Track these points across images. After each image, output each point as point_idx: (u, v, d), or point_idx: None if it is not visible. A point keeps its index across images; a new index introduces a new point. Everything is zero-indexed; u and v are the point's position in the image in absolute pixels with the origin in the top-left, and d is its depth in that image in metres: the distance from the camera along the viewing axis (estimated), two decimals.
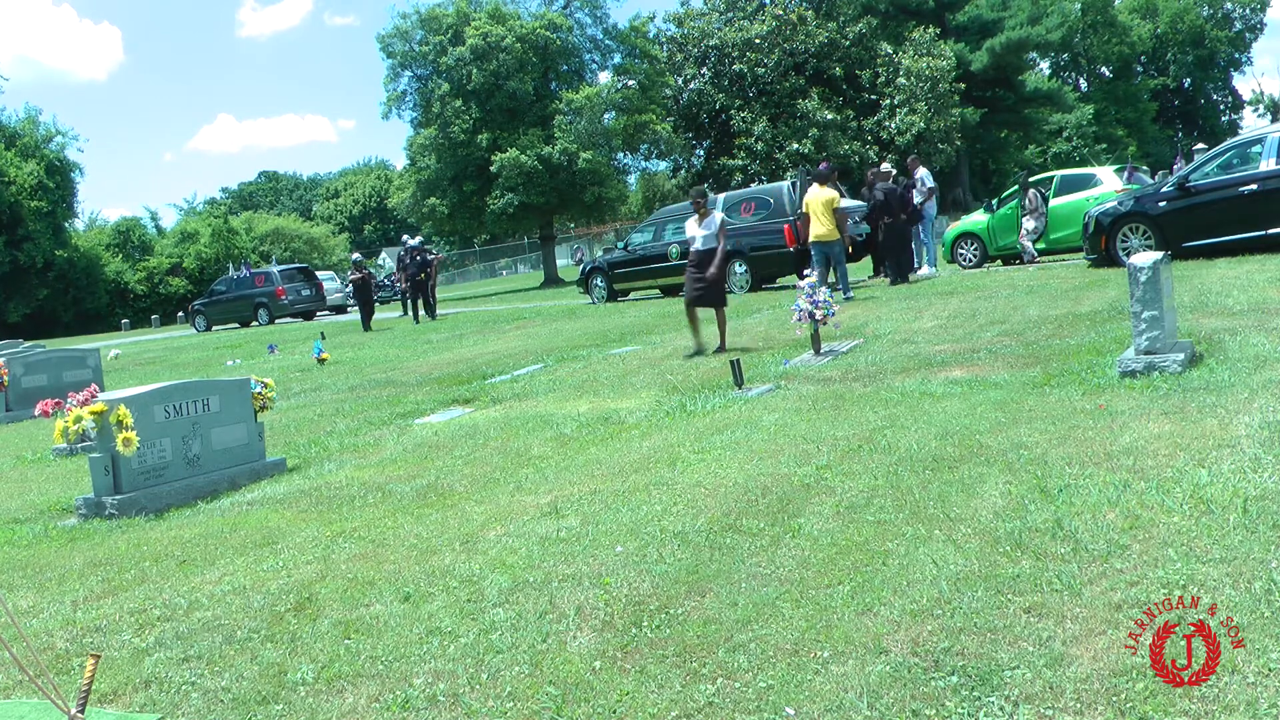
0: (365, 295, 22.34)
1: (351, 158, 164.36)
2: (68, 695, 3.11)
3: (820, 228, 13.20)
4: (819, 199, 13.27)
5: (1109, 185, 15.92)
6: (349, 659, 3.41)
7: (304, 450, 8.19)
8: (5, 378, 13.05)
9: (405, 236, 25.12)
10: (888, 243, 15.02)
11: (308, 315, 31.11)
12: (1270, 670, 2.57)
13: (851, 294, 13.64)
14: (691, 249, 10.50)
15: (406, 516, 5.35)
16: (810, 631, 3.14)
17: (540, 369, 11.05)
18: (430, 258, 22.74)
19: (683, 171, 44.34)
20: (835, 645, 3.03)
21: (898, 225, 14.82)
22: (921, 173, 16.31)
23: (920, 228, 16.11)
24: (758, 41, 40.71)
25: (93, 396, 8.11)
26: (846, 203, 15.49)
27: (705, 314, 10.60)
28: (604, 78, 38.01)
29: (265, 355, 18.60)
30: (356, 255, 25.50)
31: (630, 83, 37.36)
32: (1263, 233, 11.44)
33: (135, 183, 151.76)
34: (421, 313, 22.25)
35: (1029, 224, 16.19)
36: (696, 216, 10.49)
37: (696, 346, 10.12)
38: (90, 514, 6.44)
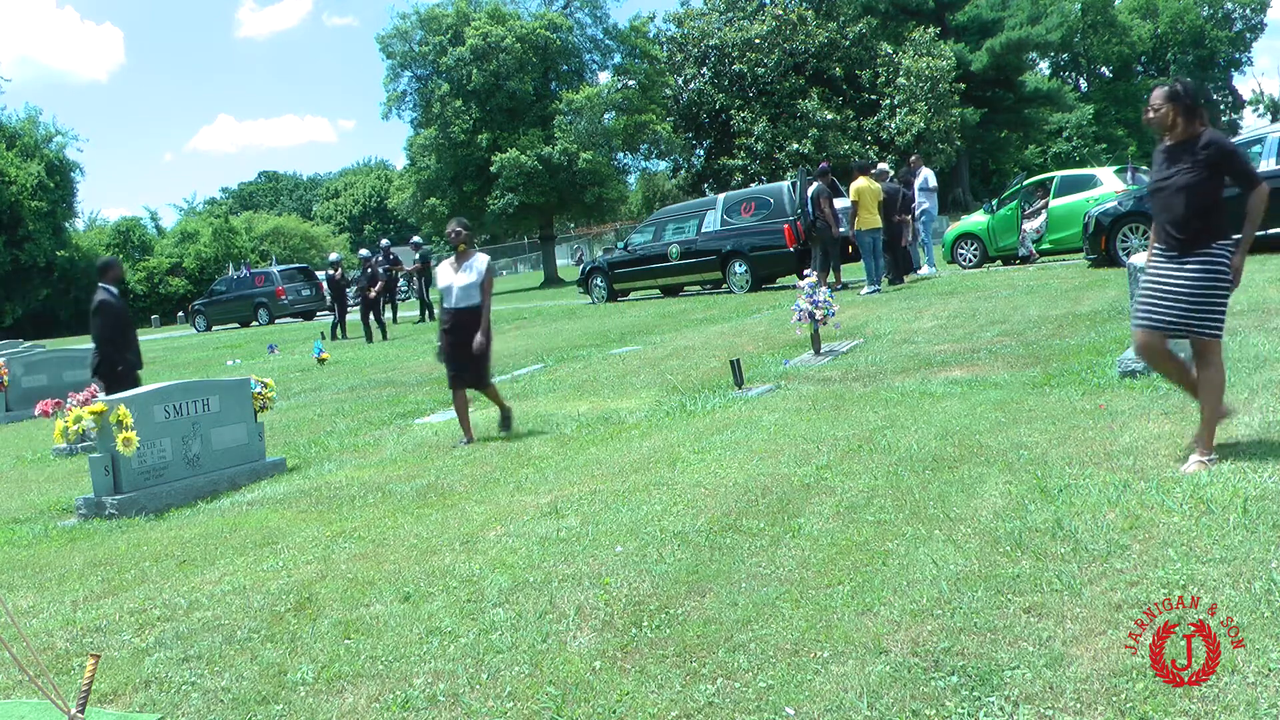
0: (336, 297, 21.57)
1: (351, 158, 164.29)
2: (68, 695, 3.11)
3: (872, 216, 13.78)
4: (871, 188, 13.82)
5: (1109, 185, 15.91)
6: (349, 659, 3.41)
7: (304, 450, 8.20)
8: (5, 378, 13.06)
9: (384, 241, 22.53)
10: (888, 242, 15.02)
11: (308, 315, 31.11)
12: (1270, 670, 2.57)
13: (878, 287, 13.91)
14: (444, 304, 7.51)
15: (406, 516, 5.35)
16: (810, 631, 3.14)
17: (540, 369, 11.05)
18: (384, 269, 20.54)
19: (683, 171, 44.33)
20: (835, 645, 3.03)
21: (896, 225, 14.85)
22: (925, 173, 16.31)
23: (920, 227, 16.11)
24: (758, 41, 40.69)
25: (93, 396, 8.11)
26: (841, 202, 15.50)
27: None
28: (604, 78, 38.02)
29: (265, 355, 18.60)
30: (334, 255, 24.07)
31: (630, 83, 37.36)
32: (1263, 233, 11.44)
33: (135, 183, 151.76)
34: (377, 329, 19.45)
35: (1031, 224, 16.21)
36: (454, 258, 7.55)
37: (465, 436, 7.49)
38: (90, 514, 6.44)
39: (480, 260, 7.44)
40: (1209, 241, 4.18)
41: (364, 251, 21.41)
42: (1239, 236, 4.22)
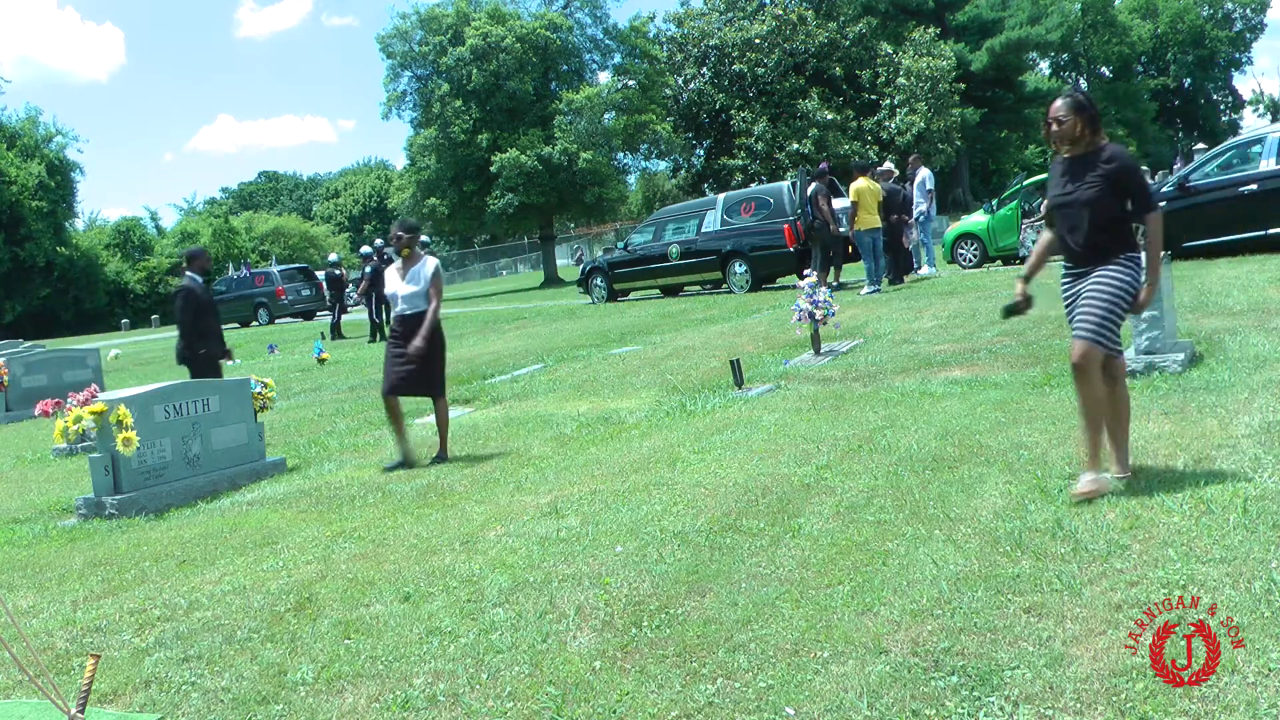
0: (336, 297, 22.12)
1: (351, 158, 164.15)
2: (68, 695, 3.11)
3: (871, 216, 13.83)
4: (871, 188, 13.87)
5: None
6: (349, 659, 3.41)
7: (304, 450, 8.20)
8: (5, 378, 13.06)
9: (378, 242, 22.09)
10: (889, 242, 15.01)
11: (308, 315, 31.11)
12: (1270, 670, 2.57)
13: (878, 288, 13.84)
14: (394, 312, 7.08)
15: (406, 516, 5.36)
16: (810, 631, 3.14)
17: (540, 369, 11.05)
18: (375, 269, 19.46)
19: (683, 171, 44.33)
20: (835, 645, 3.03)
21: (896, 225, 14.86)
22: (924, 174, 16.30)
23: (920, 228, 16.11)
24: (758, 41, 40.69)
25: (93, 396, 8.11)
26: (841, 202, 15.50)
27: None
28: (604, 78, 38.00)
29: (265, 355, 18.60)
30: (333, 256, 25.01)
31: (630, 83, 37.34)
32: (1263, 233, 11.45)
33: (135, 183, 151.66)
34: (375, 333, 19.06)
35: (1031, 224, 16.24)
36: (400, 262, 7.08)
37: (402, 455, 6.99)
38: (90, 514, 6.44)
39: (428, 265, 6.97)
40: (1113, 256, 4.06)
41: (365, 249, 21.49)
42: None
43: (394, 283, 7.05)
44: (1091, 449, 4.06)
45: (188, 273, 9.33)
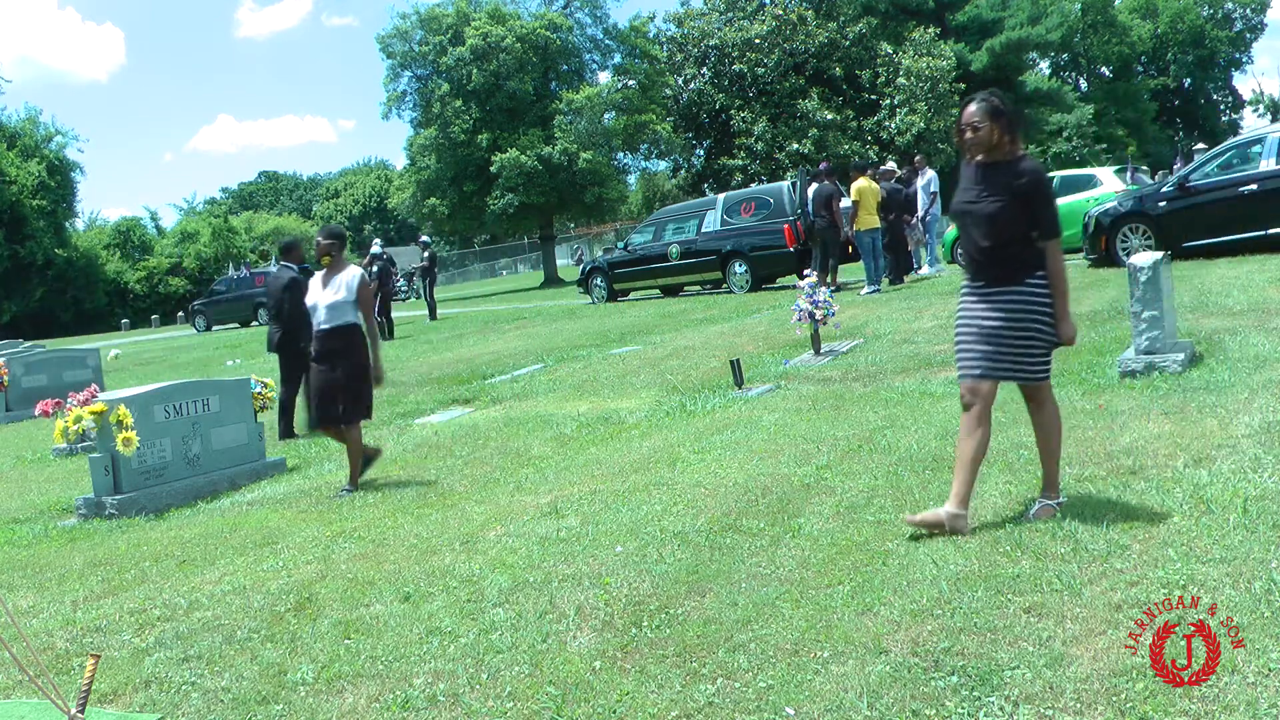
0: None
1: (351, 158, 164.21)
2: (68, 695, 3.11)
3: (871, 216, 13.88)
4: (871, 188, 13.92)
5: (1109, 185, 15.90)
6: (349, 659, 3.41)
7: (304, 450, 8.20)
8: (5, 378, 13.06)
9: (377, 241, 22.36)
10: (890, 242, 15.01)
11: None
12: (1270, 670, 2.57)
13: (878, 288, 13.86)
14: (316, 326, 6.41)
15: (406, 516, 5.36)
16: (810, 631, 3.14)
17: (540, 369, 11.05)
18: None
19: (683, 171, 44.33)
20: (835, 645, 3.03)
21: (898, 225, 14.85)
22: (929, 175, 16.31)
23: (925, 227, 16.12)
24: (758, 41, 40.68)
25: (93, 396, 8.11)
26: (842, 202, 15.51)
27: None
28: (604, 78, 38.00)
29: (265, 355, 18.57)
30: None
31: (630, 83, 37.34)
32: (1263, 233, 11.44)
33: (135, 183, 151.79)
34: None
35: None
36: (323, 273, 6.48)
37: (349, 482, 6.37)
38: (90, 514, 6.45)
39: (350, 273, 6.39)
40: (1020, 276, 3.77)
41: (375, 248, 21.47)
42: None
43: (314, 293, 6.44)
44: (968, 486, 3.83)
45: (284, 264, 9.10)
